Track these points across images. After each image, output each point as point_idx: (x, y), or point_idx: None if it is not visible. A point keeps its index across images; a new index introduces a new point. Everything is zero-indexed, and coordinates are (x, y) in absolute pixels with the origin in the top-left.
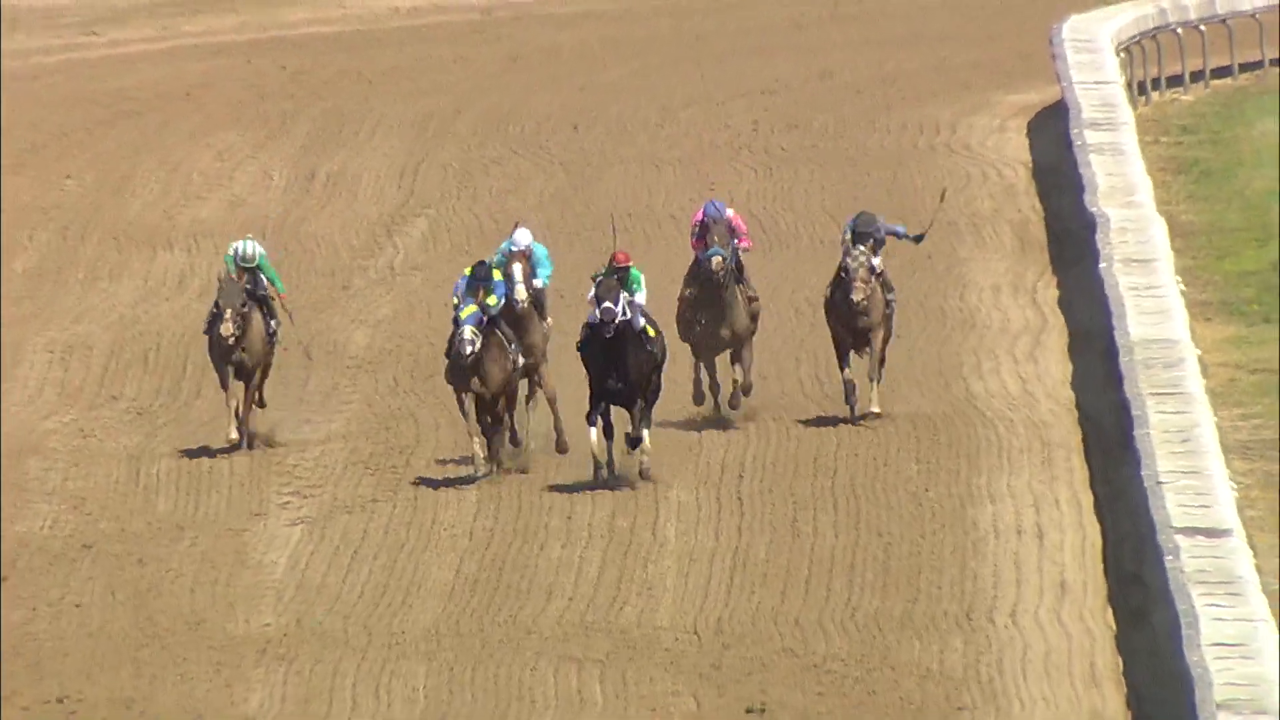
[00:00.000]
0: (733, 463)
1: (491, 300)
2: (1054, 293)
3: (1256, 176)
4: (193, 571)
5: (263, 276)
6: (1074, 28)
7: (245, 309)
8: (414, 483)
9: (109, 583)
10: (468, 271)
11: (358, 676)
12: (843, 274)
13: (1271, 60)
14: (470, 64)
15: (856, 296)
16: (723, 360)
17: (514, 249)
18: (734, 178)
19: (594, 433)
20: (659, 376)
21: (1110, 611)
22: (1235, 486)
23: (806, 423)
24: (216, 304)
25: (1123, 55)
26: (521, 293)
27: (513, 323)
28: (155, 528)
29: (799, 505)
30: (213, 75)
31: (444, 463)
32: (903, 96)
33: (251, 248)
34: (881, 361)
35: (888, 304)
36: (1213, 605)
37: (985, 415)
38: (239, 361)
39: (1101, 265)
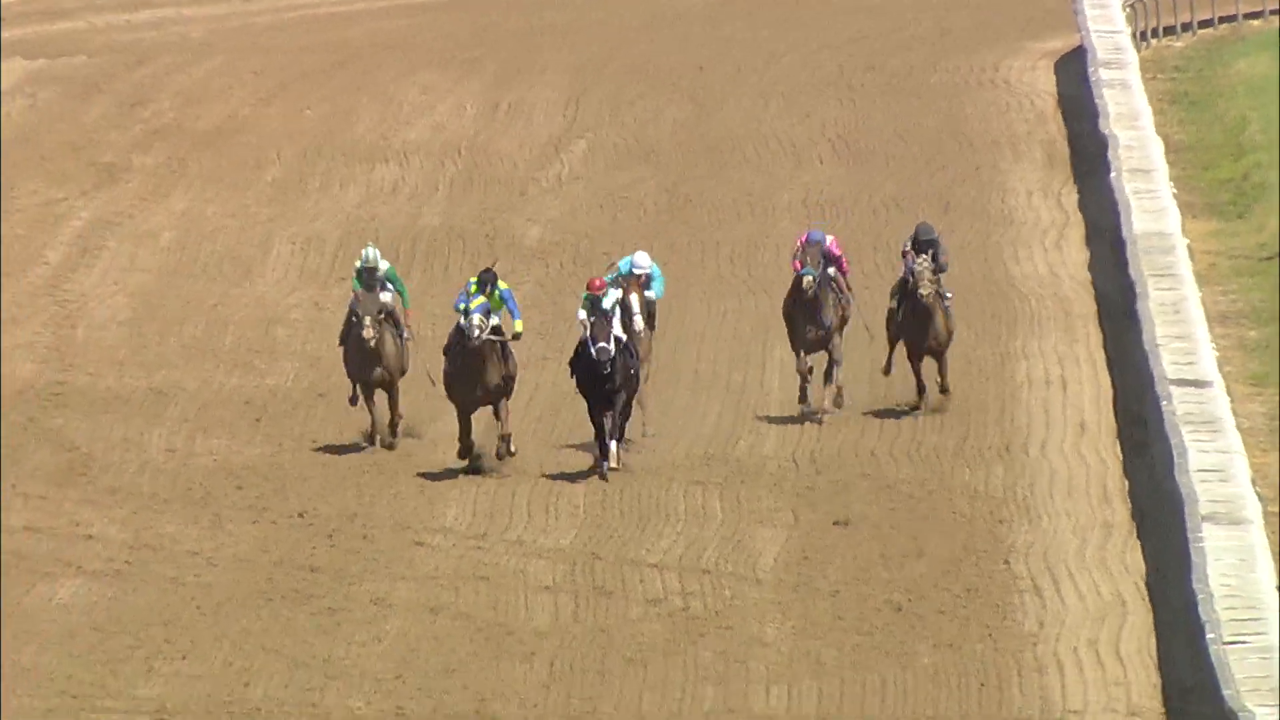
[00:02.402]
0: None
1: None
2: (1074, 196)
3: (1232, 105)
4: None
5: (391, 288)
6: None
7: (382, 316)
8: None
9: (338, 424)
10: (473, 279)
11: (531, 496)
12: (909, 276)
13: (1244, 14)
14: (619, 22)
15: (923, 290)
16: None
17: (635, 272)
18: (824, 108)
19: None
20: (636, 381)
21: (1118, 445)
22: (1216, 347)
23: (881, 302)
24: (353, 314)
25: (1128, 10)
26: (640, 323)
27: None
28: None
29: (875, 363)
30: (419, 29)
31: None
32: (957, 45)
33: (374, 255)
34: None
35: (946, 311)
36: (1198, 440)
37: (1020, 292)
38: (379, 379)
39: (1112, 175)
